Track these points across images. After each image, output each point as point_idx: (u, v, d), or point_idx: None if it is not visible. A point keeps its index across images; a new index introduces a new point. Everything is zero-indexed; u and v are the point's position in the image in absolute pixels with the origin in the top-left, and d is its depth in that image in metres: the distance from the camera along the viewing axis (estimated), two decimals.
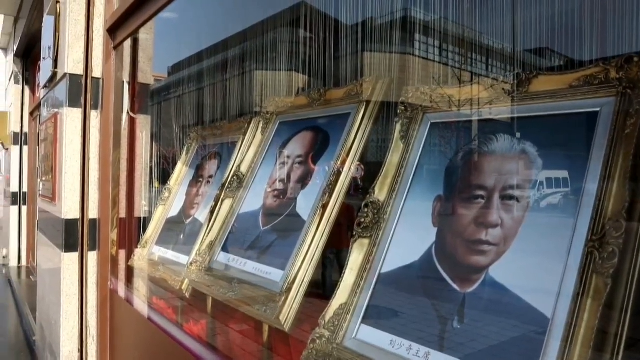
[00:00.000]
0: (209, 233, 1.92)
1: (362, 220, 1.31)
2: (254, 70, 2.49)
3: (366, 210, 1.31)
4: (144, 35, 2.79)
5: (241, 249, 1.73)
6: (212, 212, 2.01)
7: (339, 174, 1.48)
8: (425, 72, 1.56)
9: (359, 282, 1.26)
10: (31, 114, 6.10)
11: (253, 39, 2.52)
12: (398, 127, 1.40)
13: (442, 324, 1.06)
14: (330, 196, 1.44)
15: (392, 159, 1.36)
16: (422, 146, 1.35)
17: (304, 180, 1.65)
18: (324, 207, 1.44)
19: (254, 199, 1.82)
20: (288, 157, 1.78)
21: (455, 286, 1.08)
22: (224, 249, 1.81)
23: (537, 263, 0.98)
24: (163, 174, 2.83)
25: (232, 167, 2.04)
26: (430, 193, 1.26)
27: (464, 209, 1.14)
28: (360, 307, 1.23)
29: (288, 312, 1.38)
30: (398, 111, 1.42)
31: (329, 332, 1.23)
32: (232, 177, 1.94)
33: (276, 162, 1.82)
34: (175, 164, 2.73)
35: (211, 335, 1.96)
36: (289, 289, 1.40)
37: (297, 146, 1.77)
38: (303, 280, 1.40)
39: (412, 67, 1.61)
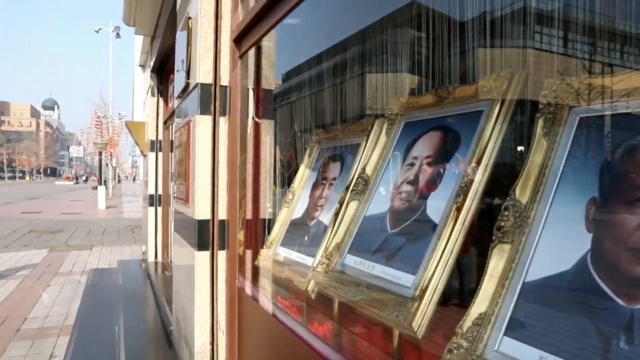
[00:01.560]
0: (334, 235, 1.93)
1: (502, 224, 1.21)
2: (367, 73, 2.47)
3: (506, 213, 1.22)
4: (266, 42, 2.89)
5: (368, 252, 1.70)
6: (336, 215, 2.01)
7: (473, 174, 1.39)
8: (549, 66, 1.43)
9: (499, 290, 1.17)
10: (164, 123, 6.65)
11: (365, 41, 2.50)
12: (540, 123, 1.28)
13: (605, 343, 0.95)
14: (465, 198, 1.36)
15: (535, 158, 1.25)
16: (569, 144, 1.22)
17: (433, 182, 1.58)
18: (458, 209, 1.37)
19: (380, 202, 1.79)
20: (415, 158, 1.72)
21: (619, 301, 0.95)
22: (351, 251, 1.80)
23: None
24: (284, 177, 2.92)
25: (356, 169, 2.03)
26: (582, 195, 1.13)
27: (627, 212, 1.00)
28: (503, 317, 1.14)
29: (421, 318, 1.32)
30: (540, 106, 1.31)
31: (467, 342, 1.16)
32: (357, 179, 1.93)
33: (402, 163, 1.78)
34: (293, 167, 2.80)
35: (337, 337, 1.96)
36: (421, 295, 1.35)
37: (424, 147, 1.71)
38: (437, 286, 1.33)
39: (534, 61, 1.48)
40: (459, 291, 1.49)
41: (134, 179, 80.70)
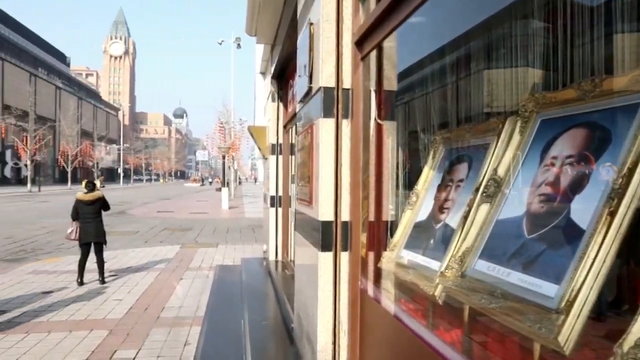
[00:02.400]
0: (463, 240, 1.85)
1: None
2: (486, 70, 2.34)
3: None
4: (388, 43, 2.87)
5: (502, 258, 1.61)
6: (465, 218, 1.93)
7: (630, 175, 1.25)
8: None
9: None
10: (284, 127, 6.92)
11: (481, 36, 2.37)
12: None
13: None
14: (620, 202, 1.23)
15: None
16: None
17: (578, 184, 1.45)
18: (612, 214, 1.24)
19: (514, 205, 1.68)
20: (555, 158, 1.59)
21: None
22: (482, 256, 1.72)
23: None
24: (407, 179, 2.87)
25: (486, 170, 1.94)
26: None
27: None
28: None
29: (568, 333, 1.21)
30: None
31: None
32: (488, 181, 1.84)
33: (540, 164, 1.66)
34: (416, 169, 2.74)
35: (466, 345, 1.88)
36: (568, 307, 1.24)
37: (566, 145, 1.57)
38: (587, 298, 1.22)
39: None
40: (614, 304, 1.35)
41: (255, 181, 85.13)
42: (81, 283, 7.44)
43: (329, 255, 2.84)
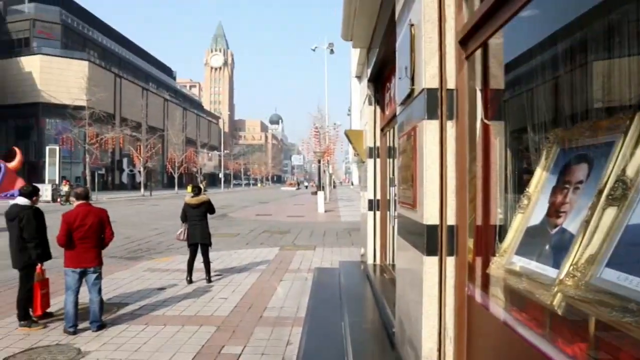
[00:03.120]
0: (586, 246, 1.73)
1: None
2: (601, 61, 2.16)
3: None
4: (494, 40, 2.77)
5: (636, 267, 1.48)
6: (587, 223, 1.80)
7: None
8: None
9: None
10: (382, 130, 6.90)
11: (598, 22, 2.19)
12: None
13: None
14: None
15: None
16: None
17: None
18: None
19: None
20: None
21: None
22: (610, 264, 1.59)
23: None
24: (517, 181, 2.74)
25: (611, 171, 1.79)
26: None
27: None
28: None
29: None
30: None
31: None
32: (615, 183, 1.70)
33: None
34: (527, 170, 2.60)
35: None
36: None
37: None
38: None
39: None
40: None
41: (352, 184, 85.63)
42: (190, 281, 7.93)
43: (434, 259, 2.78)
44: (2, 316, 6.05)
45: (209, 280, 8.01)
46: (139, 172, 52.60)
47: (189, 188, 8.36)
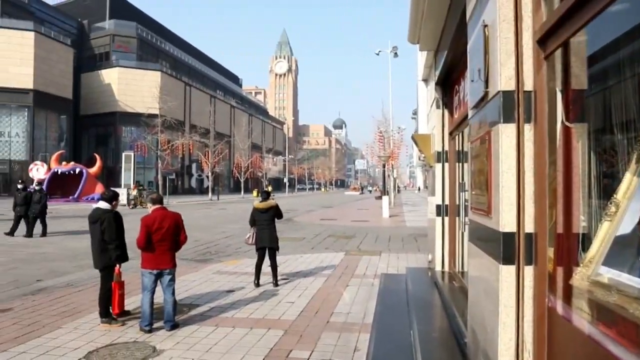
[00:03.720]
0: None
1: None
2: None
3: None
4: (576, 39, 2.62)
5: None
6: None
7: None
8: None
9: None
10: (450, 134, 6.73)
11: None
12: None
13: None
14: None
15: None
16: None
17: None
18: None
19: None
20: None
21: None
22: None
23: None
24: (602, 186, 2.57)
25: None
26: None
27: None
28: None
29: None
30: None
31: None
32: None
33: None
34: (609, 175, 2.44)
35: None
36: None
37: None
38: None
39: None
40: None
41: (418, 189, 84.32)
42: (258, 285, 8.09)
43: (511, 268, 2.67)
44: (86, 313, 6.43)
45: (276, 284, 8.13)
46: (207, 176, 54.53)
47: (255, 192, 8.59)
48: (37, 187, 16.26)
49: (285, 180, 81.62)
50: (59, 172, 38.39)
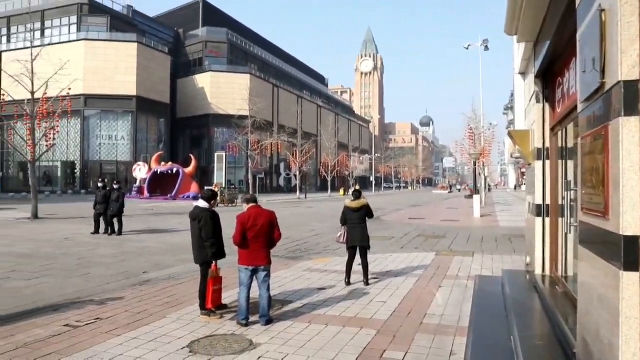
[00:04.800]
0: None
1: None
2: None
3: None
4: None
5: None
6: None
7: None
8: None
9: None
10: (552, 129, 6.31)
11: None
12: None
13: None
14: None
15: None
16: None
17: None
18: None
19: None
20: None
21: None
22: None
23: None
24: None
25: None
26: None
27: None
28: None
29: None
30: None
31: None
32: None
33: None
34: None
35: None
36: None
37: None
38: None
39: None
40: None
41: (516, 187, 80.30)
42: (348, 283, 8.10)
43: (635, 276, 2.43)
44: (187, 304, 6.79)
45: (367, 283, 8.10)
46: (295, 175, 55.72)
47: (342, 191, 8.64)
48: (115, 186, 16.27)
49: (372, 178, 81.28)
50: (159, 172, 41.16)
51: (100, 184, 16.70)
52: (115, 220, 15.52)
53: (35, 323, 5.91)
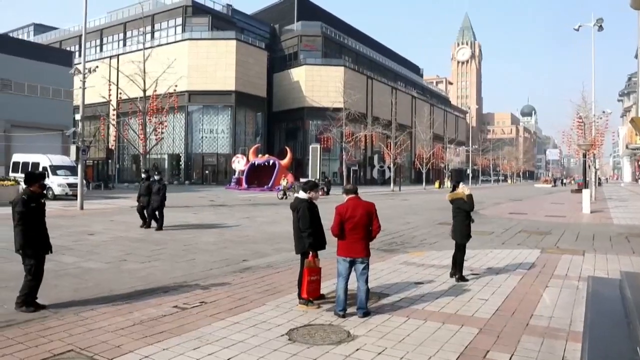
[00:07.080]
0: None
1: None
2: None
3: None
4: None
5: None
6: None
7: None
8: None
9: None
10: None
11: None
12: None
13: None
14: None
15: None
16: None
17: None
18: None
19: None
20: None
21: None
22: None
23: None
24: None
25: None
26: None
27: None
28: None
29: None
30: None
31: None
32: None
33: None
34: None
35: None
36: None
37: None
38: None
39: None
40: None
41: (637, 181, 73.51)
42: (453, 275, 7.88)
43: None
44: (285, 293, 6.93)
45: (461, 279, 7.77)
46: (389, 167, 55.21)
47: (437, 184, 8.42)
48: (157, 177, 14.86)
49: (469, 171, 78.36)
50: (256, 164, 42.75)
51: (143, 175, 15.69)
52: (156, 214, 14.34)
53: (149, 303, 6.35)
